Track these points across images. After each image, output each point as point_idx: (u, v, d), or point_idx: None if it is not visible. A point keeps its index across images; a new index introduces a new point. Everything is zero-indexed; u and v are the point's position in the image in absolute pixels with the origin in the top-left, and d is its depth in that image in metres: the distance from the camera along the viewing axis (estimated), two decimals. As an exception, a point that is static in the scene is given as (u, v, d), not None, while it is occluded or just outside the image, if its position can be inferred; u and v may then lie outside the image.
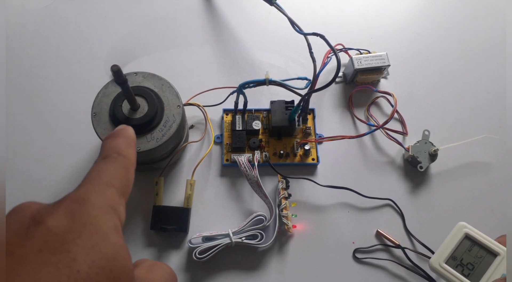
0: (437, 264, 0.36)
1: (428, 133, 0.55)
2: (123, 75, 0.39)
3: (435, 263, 0.36)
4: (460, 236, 0.36)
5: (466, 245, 0.36)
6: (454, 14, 0.67)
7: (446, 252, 0.36)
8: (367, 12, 0.66)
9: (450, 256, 0.36)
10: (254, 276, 0.49)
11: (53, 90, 0.58)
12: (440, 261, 0.36)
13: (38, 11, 0.63)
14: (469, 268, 0.35)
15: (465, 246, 0.36)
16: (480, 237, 0.36)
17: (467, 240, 0.36)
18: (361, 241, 0.51)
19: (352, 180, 0.54)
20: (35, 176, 0.53)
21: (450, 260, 0.36)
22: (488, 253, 0.35)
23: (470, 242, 0.36)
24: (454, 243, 0.36)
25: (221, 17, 0.65)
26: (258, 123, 0.54)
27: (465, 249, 0.36)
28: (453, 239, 0.36)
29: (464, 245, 0.36)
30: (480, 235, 0.36)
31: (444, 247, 0.36)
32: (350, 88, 0.60)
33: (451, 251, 0.36)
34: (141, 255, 0.49)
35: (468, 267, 0.35)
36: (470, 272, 0.35)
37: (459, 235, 0.36)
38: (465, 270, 0.35)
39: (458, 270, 0.35)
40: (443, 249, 0.36)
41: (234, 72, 0.61)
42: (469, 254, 0.36)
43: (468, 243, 0.36)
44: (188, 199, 0.50)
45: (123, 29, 0.63)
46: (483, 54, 0.64)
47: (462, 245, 0.36)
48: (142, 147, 0.45)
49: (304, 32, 0.46)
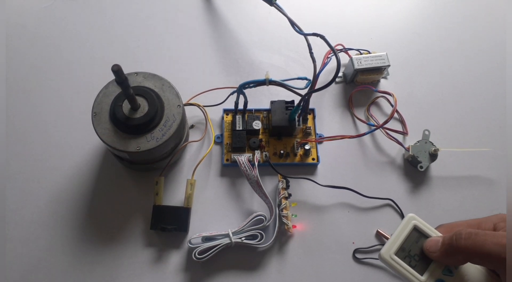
0: (388, 256, 0.36)
1: (428, 133, 0.55)
2: (123, 75, 0.39)
3: (386, 254, 0.36)
4: (409, 227, 0.36)
5: (414, 236, 0.36)
6: (454, 14, 0.67)
7: (396, 243, 0.36)
8: (367, 12, 0.66)
9: (399, 248, 0.36)
10: (254, 276, 0.49)
11: (53, 90, 0.58)
12: (390, 253, 0.36)
13: (38, 11, 0.63)
14: (416, 259, 0.35)
15: (413, 238, 0.36)
16: (427, 229, 0.36)
17: (415, 231, 0.36)
18: (361, 241, 0.51)
19: (352, 180, 0.54)
20: (35, 176, 0.53)
21: (399, 252, 0.36)
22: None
23: (417, 234, 0.36)
24: (403, 235, 0.36)
25: (221, 17, 0.65)
26: (258, 123, 0.54)
27: (413, 240, 0.36)
28: (403, 230, 0.36)
29: (412, 236, 0.36)
30: (427, 227, 0.36)
31: (394, 239, 0.36)
32: (350, 88, 0.60)
33: (400, 243, 0.36)
34: (141, 255, 0.49)
35: (415, 258, 0.35)
36: (416, 263, 0.35)
37: (408, 226, 0.36)
38: (412, 262, 0.35)
39: (406, 261, 0.35)
40: (394, 240, 0.36)
41: (234, 72, 0.61)
42: (417, 246, 0.36)
43: (416, 234, 0.36)
44: (188, 198, 0.50)
45: (123, 29, 0.63)
46: (483, 54, 0.64)
47: (410, 236, 0.36)
48: (142, 146, 0.45)
49: (304, 33, 0.46)
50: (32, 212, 0.51)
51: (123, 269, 0.49)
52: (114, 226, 0.51)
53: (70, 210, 0.51)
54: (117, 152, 0.46)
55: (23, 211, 0.51)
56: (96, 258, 0.49)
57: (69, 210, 0.51)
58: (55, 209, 0.51)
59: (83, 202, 0.52)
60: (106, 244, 0.50)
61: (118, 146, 0.45)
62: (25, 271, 0.48)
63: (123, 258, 0.49)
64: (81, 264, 0.49)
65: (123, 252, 0.50)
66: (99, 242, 0.50)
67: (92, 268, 0.49)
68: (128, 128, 0.45)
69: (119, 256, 0.49)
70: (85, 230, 0.50)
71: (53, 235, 0.50)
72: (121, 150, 0.45)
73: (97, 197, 0.52)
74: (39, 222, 0.51)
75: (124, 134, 0.45)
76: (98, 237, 0.50)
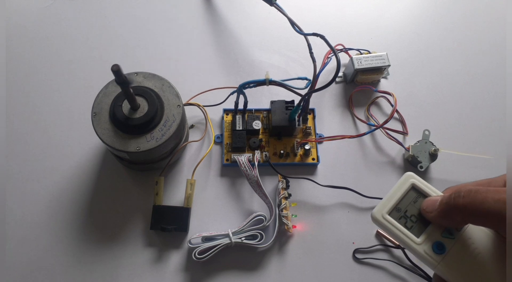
0: (380, 215, 0.33)
1: (428, 133, 0.55)
2: (123, 75, 0.39)
3: (378, 214, 0.33)
4: (406, 186, 0.34)
5: (411, 196, 0.34)
6: (454, 14, 0.67)
7: (391, 203, 0.33)
8: (367, 12, 0.66)
9: (394, 207, 0.33)
10: (254, 276, 0.49)
11: (53, 90, 0.58)
12: (383, 212, 0.33)
13: (38, 12, 0.63)
14: (413, 220, 0.33)
15: (411, 198, 0.34)
16: (427, 188, 0.34)
17: (413, 191, 0.34)
18: (361, 241, 0.51)
19: (352, 180, 0.54)
20: (35, 176, 0.53)
21: (394, 212, 0.33)
22: None
23: (416, 194, 0.34)
24: (399, 194, 0.34)
25: (221, 17, 0.65)
26: (258, 123, 0.54)
27: (410, 200, 0.34)
28: (399, 189, 0.34)
29: (409, 196, 0.34)
30: (427, 186, 0.34)
31: (389, 198, 0.34)
32: (350, 88, 0.60)
33: (395, 202, 0.33)
34: (141, 255, 0.49)
35: (411, 219, 0.33)
36: (413, 224, 0.33)
37: (406, 185, 0.34)
38: (408, 222, 0.33)
39: (401, 222, 0.33)
40: (388, 199, 0.34)
41: (234, 72, 0.61)
42: (414, 206, 0.33)
43: (414, 194, 0.34)
44: (188, 198, 0.50)
45: (123, 29, 0.63)
46: (483, 54, 0.64)
47: (407, 196, 0.34)
48: (142, 146, 0.45)
49: (304, 33, 0.46)
50: (32, 212, 0.51)
51: (123, 269, 0.49)
52: (114, 226, 0.51)
53: (70, 210, 0.51)
54: (117, 152, 0.46)
55: (23, 211, 0.51)
56: (96, 258, 0.49)
57: (69, 210, 0.51)
58: (55, 209, 0.51)
59: (83, 202, 0.52)
60: (106, 244, 0.50)
61: (118, 146, 0.45)
62: (25, 271, 0.48)
63: (123, 258, 0.49)
64: (81, 264, 0.49)
65: (123, 252, 0.50)
66: (99, 242, 0.50)
67: (92, 268, 0.49)
68: (128, 129, 0.45)
69: (119, 256, 0.49)
70: (85, 230, 0.50)
71: (53, 235, 0.50)
72: (121, 150, 0.45)
73: (97, 197, 0.52)
74: (39, 222, 0.51)
75: (124, 135, 0.45)
76: (98, 237, 0.50)
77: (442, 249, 0.31)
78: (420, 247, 0.32)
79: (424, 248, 0.32)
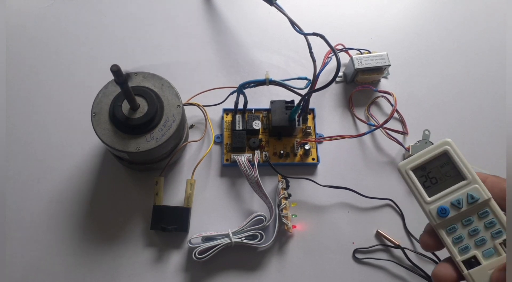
0: (404, 169, 0.35)
1: (428, 133, 0.55)
2: (123, 75, 0.39)
3: (403, 167, 0.35)
4: (439, 150, 0.35)
5: (441, 160, 0.35)
6: (454, 14, 0.67)
7: (418, 160, 0.35)
8: (367, 12, 0.66)
9: (420, 166, 0.35)
10: (254, 276, 0.49)
11: (53, 90, 0.58)
12: (407, 167, 0.35)
13: (38, 12, 0.63)
14: (432, 182, 0.35)
15: (440, 162, 0.35)
16: (457, 158, 0.34)
17: (444, 156, 0.35)
18: (361, 241, 0.51)
19: (352, 180, 0.54)
20: (35, 176, 0.53)
21: (418, 169, 0.35)
22: (457, 175, 0.34)
23: (446, 159, 0.35)
24: (430, 155, 0.35)
25: (221, 17, 0.65)
26: (258, 123, 0.54)
27: (438, 164, 0.35)
28: (431, 151, 0.35)
29: (439, 160, 0.35)
30: (459, 157, 0.35)
31: (419, 155, 0.35)
32: (350, 88, 0.60)
33: (423, 162, 0.35)
34: (142, 255, 0.49)
35: (431, 181, 0.35)
36: (431, 185, 0.35)
37: (439, 149, 0.35)
38: (427, 182, 0.35)
39: (421, 180, 0.35)
40: (418, 156, 0.35)
41: (234, 72, 0.61)
42: (439, 170, 0.35)
43: (444, 159, 0.35)
44: (188, 198, 0.50)
45: (123, 29, 0.63)
46: (483, 55, 0.64)
47: (437, 159, 0.35)
48: (142, 146, 0.45)
49: (304, 32, 0.46)
50: (32, 212, 0.51)
51: (123, 269, 0.49)
52: (114, 226, 0.51)
53: (70, 210, 0.51)
54: (117, 152, 0.46)
55: (23, 211, 0.51)
56: (96, 258, 0.49)
57: (69, 210, 0.51)
58: (55, 209, 0.51)
59: (83, 202, 0.52)
60: (106, 244, 0.50)
61: (117, 146, 0.45)
62: (25, 271, 0.48)
63: (123, 258, 0.49)
64: (81, 264, 0.49)
65: (123, 252, 0.50)
66: (99, 242, 0.50)
67: (92, 268, 0.49)
68: (128, 129, 0.45)
69: (119, 256, 0.49)
70: (85, 230, 0.50)
71: (53, 235, 0.50)
72: (120, 150, 0.45)
73: (97, 197, 0.52)
74: (39, 222, 0.51)
75: (123, 135, 0.45)
76: (98, 237, 0.50)
77: (445, 213, 0.34)
78: (427, 206, 0.34)
79: (429, 208, 0.34)
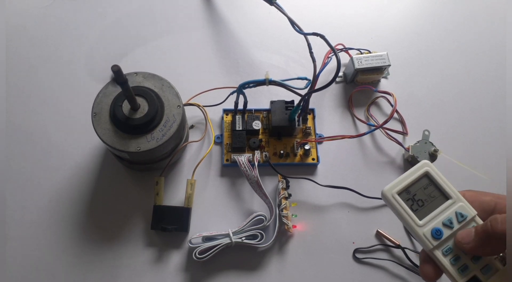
0: (390, 193, 0.36)
1: (428, 133, 0.55)
2: (123, 75, 0.39)
3: (388, 192, 0.36)
4: (420, 172, 0.36)
5: (423, 182, 0.36)
6: (454, 14, 0.67)
7: (402, 184, 0.36)
8: (367, 12, 0.66)
9: (404, 189, 0.36)
10: (254, 276, 0.49)
11: (53, 90, 0.58)
12: (393, 191, 0.36)
13: (38, 12, 0.63)
14: (419, 204, 0.35)
15: (422, 184, 0.36)
16: (439, 179, 0.36)
17: (426, 178, 0.36)
18: (361, 241, 0.51)
19: (352, 180, 0.54)
20: (35, 176, 0.53)
21: (403, 193, 0.36)
22: (441, 195, 0.35)
23: (428, 181, 0.36)
24: (412, 178, 0.36)
25: (221, 17, 0.65)
26: (258, 123, 0.54)
27: (421, 186, 0.36)
28: (413, 174, 0.36)
29: (421, 182, 0.36)
30: (440, 177, 0.36)
31: (402, 179, 0.36)
32: (350, 88, 0.60)
33: (407, 185, 0.36)
34: (142, 255, 0.49)
35: (418, 203, 0.35)
36: (418, 208, 0.35)
37: (420, 171, 0.36)
38: (414, 205, 0.35)
39: (408, 203, 0.35)
40: (400, 180, 0.36)
41: (234, 72, 0.61)
42: (423, 192, 0.36)
43: (426, 181, 0.36)
44: (188, 198, 0.50)
45: (123, 29, 0.63)
46: (483, 55, 0.64)
47: (419, 181, 0.36)
48: (142, 146, 0.45)
49: (304, 32, 0.46)
50: (32, 212, 0.51)
51: (124, 269, 0.49)
52: (114, 226, 0.51)
53: (70, 210, 0.51)
54: (117, 152, 0.46)
55: (23, 211, 0.51)
56: (96, 258, 0.49)
57: (69, 210, 0.51)
58: (55, 209, 0.51)
59: (84, 202, 0.52)
60: (107, 244, 0.50)
61: (118, 146, 0.45)
62: (25, 271, 0.48)
63: (124, 258, 0.49)
64: (81, 264, 0.49)
65: (124, 252, 0.50)
66: (99, 242, 0.50)
67: (93, 268, 0.49)
68: (128, 129, 0.45)
69: (119, 256, 0.49)
70: (85, 230, 0.50)
71: (53, 235, 0.50)
72: (121, 150, 0.45)
73: (97, 197, 0.52)
74: (39, 222, 0.51)
75: (124, 135, 0.45)
76: (98, 237, 0.50)
77: (440, 235, 0.34)
78: (420, 229, 0.35)
79: (423, 231, 0.34)
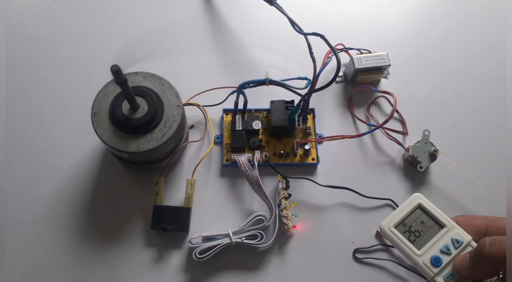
0: (387, 228, 0.38)
1: (428, 133, 0.55)
2: (123, 75, 0.39)
3: (386, 226, 0.38)
4: (413, 205, 0.38)
5: (417, 214, 0.38)
6: (454, 14, 0.67)
7: (398, 217, 0.38)
8: (367, 12, 0.66)
9: (400, 222, 0.38)
10: (254, 276, 0.49)
11: (53, 90, 0.58)
12: (390, 225, 0.38)
13: (38, 11, 0.63)
14: (416, 235, 0.38)
15: (416, 215, 0.38)
16: (432, 209, 0.38)
17: (419, 210, 0.38)
18: (361, 241, 0.51)
19: (352, 180, 0.54)
20: (35, 176, 0.53)
21: (400, 226, 0.38)
22: (436, 224, 0.38)
23: (421, 212, 0.38)
24: (406, 211, 0.38)
25: (221, 17, 0.65)
26: (258, 123, 0.54)
27: (416, 217, 0.38)
28: (407, 207, 0.38)
29: (416, 214, 0.38)
30: (432, 207, 0.38)
31: (396, 213, 0.38)
32: (350, 88, 0.60)
33: (402, 218, 0.38)
34: (142, 255, 0.49)
35: (415, 234, 0.38)
36: (416, 238, 0.37)
37: (413, 204, 0.38)
38: (411, 236, 0.38)
39: (405, 235, 0.38)
40: (396, 214, 0.38)
41: (234, 72, 0.61)
42: (418, 223, 0.38)
43: (420, 212, 0.38)
44: (188, 198, 0.50)
45: (123, 29, 0.63)
46: (483, 54, 0.64)
47: (414, 213, 0.38)
48: (142, 147, 0.45)
49: (304, 32, 0.46)
50: (32, 212, 0.51)
51: (124, 269, 0.49)
52: (114, 226, 0.51)
53: (70, 210, 0.51)
54: (117, 152, 0.46)
55: (23, 211, 0.51)
56: (96, 258, 0.49)
57: (69, 210, 0.51)
58: (55, 209, 0.51)
59: (83, 202, 0.52)
60: (107, 244, 0.50)
61: (118, 146, 0.45)
62: (25, 271, 0.48)
63: (124, 258, 0.49)
64: (81, 264, 0.49)
65: (124, 252, 0.50)
66: (99, 242, 0.50)
67: (93, 268, 0.49)
68: (128, 129, 0.45)
69: (119, 256, 0.49)
70: (85, 230, 0.50)
71: (53, 235, 0.50)
72: (121, 150, 0.45)
73: (97, 197, 0.52)
74: (39, 222, 0.51)
75: (124, 135, 0.45)
76: (98, 237, 0.50)
77: (439, 262, 0.36)
78: (419, 258, 0.36)
79: (423, 260, 0.36)
